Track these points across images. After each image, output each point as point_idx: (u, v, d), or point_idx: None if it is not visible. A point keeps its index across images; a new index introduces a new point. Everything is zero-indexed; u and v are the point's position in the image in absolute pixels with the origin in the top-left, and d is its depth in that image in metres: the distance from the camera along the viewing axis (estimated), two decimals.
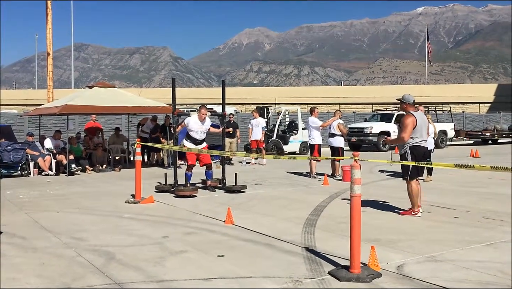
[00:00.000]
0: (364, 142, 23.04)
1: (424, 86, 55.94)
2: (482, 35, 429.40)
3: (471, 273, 4.45)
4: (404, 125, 7.11)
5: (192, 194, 9.21)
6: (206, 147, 10.23)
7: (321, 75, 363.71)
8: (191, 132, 9.80)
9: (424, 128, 7.26)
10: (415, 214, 7.19)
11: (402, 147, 7.29)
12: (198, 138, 9.84)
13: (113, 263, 4.89)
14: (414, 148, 7.16)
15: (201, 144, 9.94)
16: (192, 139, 9.83)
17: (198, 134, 9.82)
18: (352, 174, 4.51)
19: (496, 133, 28.25)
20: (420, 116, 7.24)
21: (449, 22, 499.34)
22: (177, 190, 9.33)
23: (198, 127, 9.76)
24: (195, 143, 9.82)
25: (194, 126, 9.73)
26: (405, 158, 7.19)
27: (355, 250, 4.39)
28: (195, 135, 9.80)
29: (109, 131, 17.91)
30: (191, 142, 9.84)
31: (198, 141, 9.88)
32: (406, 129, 7.07)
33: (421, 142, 7.22)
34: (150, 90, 73.37)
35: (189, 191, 9.23)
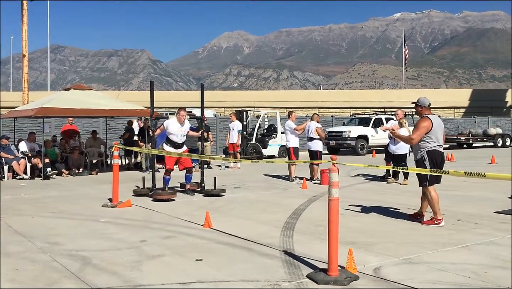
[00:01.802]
0: (342, 146, 23.24)
1: (401, 90, 56.71)
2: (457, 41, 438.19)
3: (445, 274, 4.52)
4: (418, 127, 6.76)
5: (170, 197, 9.13)
6: (187, 150, 10.13)
7: (300, 79, 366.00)
8: (171, 135, 9.65)
9: (439, 132, 6.89)
10: (438, 223, 6.74)
11: (418, 152, 6.90)
12: (179, 141, 9.72)
13: (89, 268, 4.82)
14: (431, 153, 6.79)
15: (181, 148, 9.82)
16: (172, 143, 9.69)
17: (178, 138, 9.68)
18: (330, 177, 4.54)
19: (471, 137, 28.81)
20: (436, 120, 6.87)
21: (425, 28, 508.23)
22: (155, 193, 9.24)
23: (178, 130, 9.62)
24: (175, 147, 9.70)
25: (173, 129, 9.59)
26: (422, 163, 6.81)
27: (333, 253, 4.42)
28: (175, 139, 9.67)
29: (86, 134, 17.69)
30: (171, 147, 9.70)
31: (179, 145, 9.76)
32: (416, 132, 6.72)
33: (438, 147, 6.84)
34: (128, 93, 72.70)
35: (167, 195, 9.15)
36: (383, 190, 10.67)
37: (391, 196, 9.68)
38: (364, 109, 32.70)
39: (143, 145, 15.02)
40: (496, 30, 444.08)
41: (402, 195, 9.91)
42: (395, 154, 11.89)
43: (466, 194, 9.89)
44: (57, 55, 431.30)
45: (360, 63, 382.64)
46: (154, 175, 9.99)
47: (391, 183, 11.79)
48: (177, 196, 9.35)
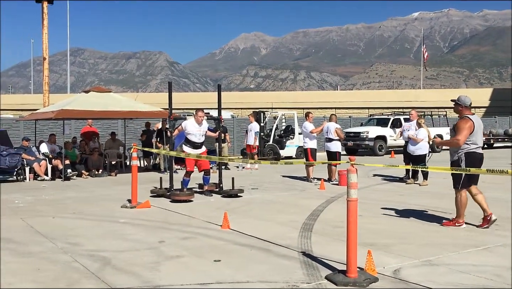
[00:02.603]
0: (361, 146, 23.07)
1: (420, 90, 56.10)
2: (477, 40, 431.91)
3: (466, 277, 4.46)
4: (460, 128, 6.45)
5: (188, 198, 9.13)
6: (206, 152, 10.12)
7: (317, 80, 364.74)
8: (189, 135, 9.68)
9: (480, 133, 6.63)
10: (459, 225, 6.65)
11: (455, 153, 6.61)
12: (198, 141, 9.73)
13: (109, 268, 4.87)
14: (469, 155, 6.51)
15: (200, 148, 9.84)
16: (192, 143, 9.72)
17: (197, 137, 9.70)
18: (349, 178, 4.51)
19: (491, 137, 28.35)
20: (477, 121, 6.59)
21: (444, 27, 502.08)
22: (173, 194, 9.25)
23: (196, 130, 9.65)
24: (194, 147, 9.72)
25: (192, 129, 9.63)
26: (458, 165, 6.53)
27: (352, 254, 4.39)
28: (194, 139, 9.69)
29: (105, 136, 17.88)
30: (190, 147, 9.73)
31: (198, 145, 9.78)
32: (462, 133, 6.40)
33: (477, 149, 6.58)
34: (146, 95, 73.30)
35: (184, 196, 9.15)
36: (402, 191, 10.57)
37: (410, 197, 9.58)
38: (382, 110, 32.42)
39: (161, 146, 15.12)
40: None
41: (422, 196, 9.80)
42: (414, 155, 11.77)
43: (488, 195, 9.70)
44: (77, 58, 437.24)
45: (378, 63, 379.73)
46: (172, 175, 9.99)
47: (410, 184, 11.66)
48: (195, 197, 9.38)
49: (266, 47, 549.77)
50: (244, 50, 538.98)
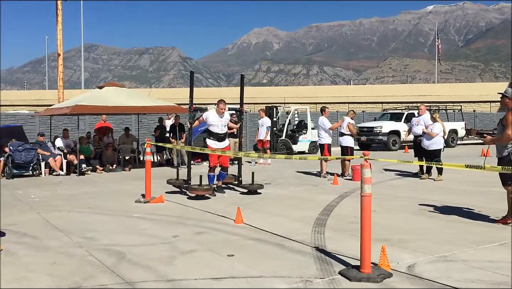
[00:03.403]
0: (374, 141, 22.94)
1: (434, 85, 55.55)
2: (493, 33, 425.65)
3: (483, 273, 4.41)
4: (510, 122, 6.15)
5: (205, 193, 8.93)
6: (228, 146, 9.86)
7: (330, 75, 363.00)
8: (211, 126, 9.46)
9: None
10: (509, 224, 6.39)
11: (503, 148, 6.38)
12: (220, 132, 9.46)
13: (124, 263, 4.91)
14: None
15: (224, 140, 9.57)
16: (214, 134, 9.47)
17: (219, 128, 9.45)
18: (362, 173, 4.49)
19: None
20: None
21: (459, 20, 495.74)
22: (191, 188, 9.01)
23: (218, 121, 9.42)
24: (218, 139, 9.46)
25: (213, 120, 9.41)
26: (508, 161, 6.28)
27: (366, 249, 4.37)
28: (216, 130, 9.44)
29: (119, 131, 18.00)
30: (213, 139, 9.48)
31: (221, 136, 9.49)
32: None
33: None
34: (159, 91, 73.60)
35: (202, 190, 8.88)
36: (416, 186, 10.49)
37: (424, 193, 9.51)
38: (396, 104, 32.17)
39: (175, 142, 15.18)
40: None
41: (436, 191, 9.72)
42: (428, 150, 11.67)
43: (502, 190, 9.60)
44: (91, 54, 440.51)
45: (392, 57, 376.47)
46: (189, 167, 9.86)
47: (424, 179, 11.57)
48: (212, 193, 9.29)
49: (279, 42, 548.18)
50: (257, 45, 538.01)
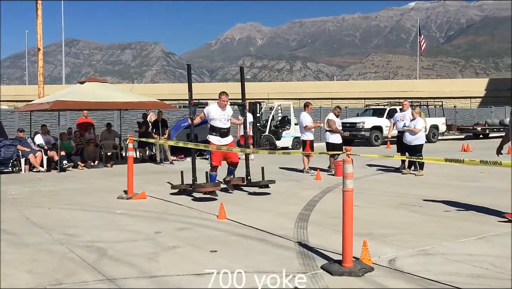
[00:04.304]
0: (357, 137, 23.10)
1: (416, 81, 56.13)
2: (474, 30, 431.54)
3: (462, 266, 4.49)
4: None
5: (214, 189, 8.39)
6: (233, 142, 9.18)
7: (313, 71, 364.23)
8: (213, 121, 8.74)
9: None
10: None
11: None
12: (223, 126, 8.77)
13: (106, 259, 4.88)
14: None
15: (227, 135, 8.89)
16: (217, 130, 8.75)
17: (222, 122, 8.74)
18: (344, 168, 4.52)
19: (487, 128, 28.45)
20: None
21: (440, 17, 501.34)
22: (198, 186, 8.34)
23: (220, 115, 8.73)
24: (221, 134, 8.77)
25: (215, 114, 8.71)
26: None
27: (347, 244, 4.41)
28: (218, 124, 8.73)
29: (101, 127, 17.83)
30: (216, 135, 8.78)
31: (224, 131, 8.80)
32: None
33: None
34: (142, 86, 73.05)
35: (211, 187, 8.33)
36: (398, 181, 10.60)
37: (406, 187, 9.62)
38: (378, 100, 32.42)
39: (158, 137, 15.10)
40: None
41: (417, 186, 9.84)
42: (411, 145, 11.78)
43: (484, 185, 9.79)
44: (72, 48, 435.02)
45: (374, 53, 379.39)
46: (194, 168, 8.87)
47: (406, 174, 11.70)
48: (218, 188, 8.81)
49: (262, 38, 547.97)
50: (240, 40, 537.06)
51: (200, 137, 18.64)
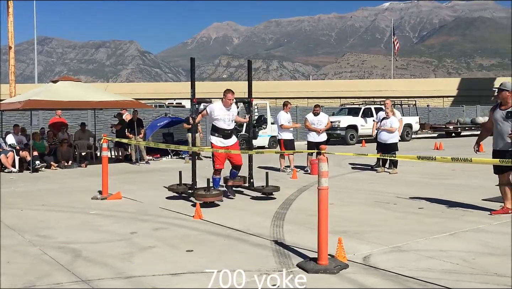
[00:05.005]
0: (332, 136, 23.30)
1: (390, 80, 56.88)
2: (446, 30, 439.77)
3: (434, 262, 4.58)
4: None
5: (216, 199, 7.65)
6: (237, 143, 8.53)
7: (289, 70, 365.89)
8: (216, 121, 8.13)
9: None
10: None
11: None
12: (227, 127, 8.16)
13: (80, 260, 4.82)
14: None
15: (230, 137, 8.29)
16: (220, 131, 8.15)
17: (226, 123, 8.13)
18: (319, 167, 4.56)
19: (459, 126, 29.03)
20: None
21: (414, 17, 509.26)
22: (198, 195, 7.56)
23: (225, 115, 8.10)
24: (224, 136, 8.18)
25: (219, 114, 8.07)
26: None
27: (323, 242, 4.45)
28: (222, 125, 8.11)
29: (75, 126, 17.57)
30: (219, 136, 8.18)
31: (227, 132, 8.20)
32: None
33: None
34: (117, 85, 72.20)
35: (212, 197, 7.58)
36: (373, 179, 10.74)
37: (381, 185, 9.75)
38: (354, 99, 32.77)
39: (133, 137, 14.96)
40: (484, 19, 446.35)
41: (391, 184, 9.98)
42: (387, 143, 11.94)
43: (456, 182, 9.99)
44: (44, 47, 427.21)
45: (350, 53, 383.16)
46: (194, 171, 8.34)
47: (380, 172, 11.86)
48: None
49: (239, 37, 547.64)
50: (217, 39, 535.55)
51: (176, 137, 18.58)
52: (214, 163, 8.17)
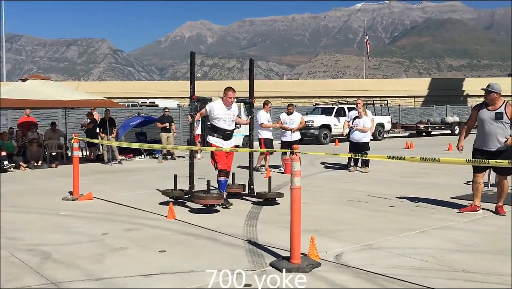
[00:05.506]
0: (306, 135, 23.46)
1: (363, 80, 57.61)
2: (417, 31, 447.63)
3: (404, 259, 4.66)
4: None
5: (217, 202, 7.12)
6: (233, 147, 7.89)
7: (264, 69, 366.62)
8: (216, 120, 7.60)
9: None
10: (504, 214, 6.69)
11: (503, 141, 6.60)
12: (227, 127, 7.64)
13: (50, 262, 4.73)
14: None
15: (230, 138, 7.78)
16: (220, 131, 7.61)
17: (226, 123, 7.61)
18: (292, 166, 4.59)
19: (429, 125, 29.63)
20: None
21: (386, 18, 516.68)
22: (198, 197, 7.12)
23: (225, 114, 7.60)
24: (224, 137, 7.64)
25: (219, 113, 7.56)
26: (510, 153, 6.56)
27: (295, 241, 4.48)
28: (222, 125, 7.59)
29: (45, 126, 17.22)
30: (219, 137, 7.64)
31: (228, 133, 7.67)
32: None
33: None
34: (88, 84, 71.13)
35: (213, 199, 7.08)
36: (345, 178, 10.86)
37: (353, 184, 9.87)
38: (327, 99, 33.06)
39: (105, 136, 14.75)
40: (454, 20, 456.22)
41: (364, 182, 10.11)
42: (359, 142, 12.08)
43: (425, 181, 10.18)
44: (13, 44, 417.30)
45: (323, 53, 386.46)
46: (192, 174, 7.81)
47: (353, 171, 12.00)
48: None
49: (213, 36, 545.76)
50: (190, 38, 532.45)
51: (150, 136, 18.41)
52: (217, 163, 7.60)
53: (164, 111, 16.70)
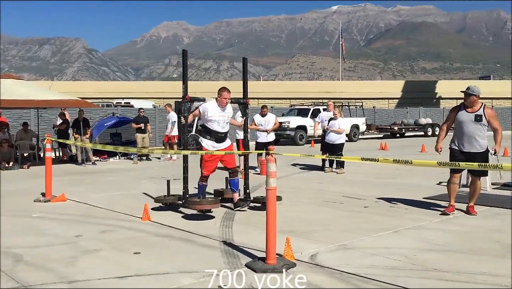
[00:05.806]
0: (282, 136, 23.57)
1: (338, 82, 58.14)
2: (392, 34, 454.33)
3: (378, 259, 4.73)
4: (495, 117, 6.85)
5: (213, 207, 6.85)
6: (231, 145, 7.65)
7: (240, 70, 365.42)
8: (210, 122, 7.25)
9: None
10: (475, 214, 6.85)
11: (483, 143, 6.82)
12: (221, 130, 7.28)
13: (21, 265, 4.64)
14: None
15: (224, 140, 7.41)
16: (213, 133, 7.26)
17: (220, 125, 7.26)
18: (268, 167, 4.61)
19: (403, 127, 30.11)
20: None
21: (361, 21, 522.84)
22: (192, 202, 6.85)
23: (219, 116, 7.23)
24: (217, 140, 7.30)
25: (213, 114, 7.19)
26: (487, 155, 6.85)
27: (271, 242, 4.50)
28: (216, 127, 7.24)
29: (17, 126, 16.88)
30: (211, 139, 7.31)
31: (221, 135, 7.32)
32: (497, 120, 6.88)
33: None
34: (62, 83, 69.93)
35: (208, 204, 6.83)
36: (321, 179, 10.95)
37: (328, 185, 9.95)
38: (303, 100, 33.27)
39: (78, 137, 14.54)
40: (427, 24, 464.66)
41: (339, 183, 10.21)
42: (334, 144, 12.17)
43: (399, 181, 10.34)
44: None
45: (299, 54, 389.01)
46: (186, 178, 7.44)
47: (328, 172, 12.10)
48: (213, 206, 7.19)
49: (189, 36, 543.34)
50: (166, 38, 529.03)
51: (124, 137, 18.21)
52: (202, 168, 7.31)
53: (139, 112, 16.55)
